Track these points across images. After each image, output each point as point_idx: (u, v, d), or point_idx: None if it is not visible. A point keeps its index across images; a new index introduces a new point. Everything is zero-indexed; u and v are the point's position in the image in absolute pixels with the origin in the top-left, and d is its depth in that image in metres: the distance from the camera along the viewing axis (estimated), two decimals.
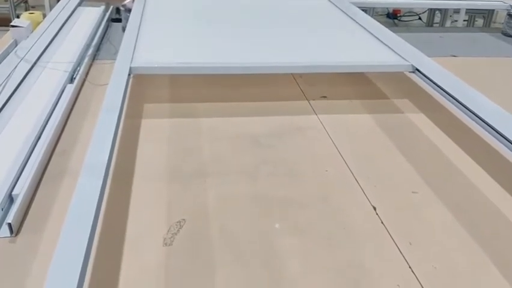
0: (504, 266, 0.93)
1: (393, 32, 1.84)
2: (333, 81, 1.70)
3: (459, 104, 1.26)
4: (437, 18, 4.69)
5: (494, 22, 4.72)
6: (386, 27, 1.88)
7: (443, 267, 0.93)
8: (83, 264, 0.72)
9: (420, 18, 5.03)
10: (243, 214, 1.04)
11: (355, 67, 1.55)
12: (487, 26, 4.32)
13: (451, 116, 1.45)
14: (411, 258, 0.94)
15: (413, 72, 1.49)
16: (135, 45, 1.50)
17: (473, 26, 4.90)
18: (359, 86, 1.70)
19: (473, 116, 1.21)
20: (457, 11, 3.63)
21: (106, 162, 0.93)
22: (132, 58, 1.41)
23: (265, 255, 0.93)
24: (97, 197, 0.85)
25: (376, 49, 1.67)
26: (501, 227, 1.05)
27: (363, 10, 2.35)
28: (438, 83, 1.36)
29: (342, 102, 1.57)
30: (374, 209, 1.08)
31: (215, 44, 1.62)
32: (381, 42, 1.71)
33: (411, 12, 5.01)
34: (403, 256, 0.95)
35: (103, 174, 0.90)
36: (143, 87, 1.57)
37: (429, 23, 4.95)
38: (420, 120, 1.47)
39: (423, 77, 1.43)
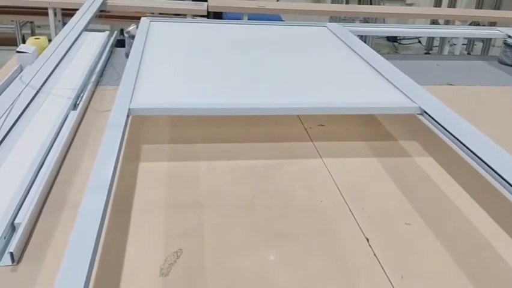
0: None
1: (391, 59, 1.86)
2: (339, 120, 1.68)
3: (466, 149, 1.25)
4: (437, 41, 4.78)
5: (493, 46, 4.80)
6: (386, 50, 1.87)
7: None
8: None
9: (420, 42, 5.11)
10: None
11: (361, 109, 1.52)
12: (485, 53, 4.38)
13: (456, 157, 1.40)
14: None
15: (421, 114, 1.46)
16: (134, 86, 1.47)
17: (472, 50, 4.98)
18: (365, 125, 1.68)
19: (479, 160, 1.19)
20: (455, 37, 3.68)
21: (104, 205, 0.95)
22: (131, 99, 1.38)
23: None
24: (97, 229, 0.88)
25: (382, 89, 1.62)
26: (493, 263, 1.06)
27: (362, 36, 2.40)
28: (446, 127, 1.33)
29: (347, 143, 1.55)
30: (367, 240, 1.11)
31: (216, 83, 1.58)
32: (388, 80, 1.67)
33: (411, 36, 5.09)
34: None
35: (101, 216, 0.92)
36: (142, 126, 1.55)
37: (429, 47, 5.04)
38: (425, 160, 1.47)
39: (432, 120, 1.40)
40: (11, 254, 0.96)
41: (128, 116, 1.31)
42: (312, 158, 1.44)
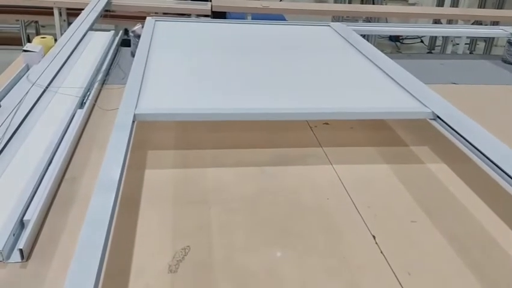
0: None
1: (394, 59, 1.86)
2: (348, 125, 1.65)
3: (482, 156, 1.20)
4: (439, 41, 4.77)
5: (496, 45, 4.80)
6: (388, 49, 1.82)
7: None
8: None
9: (422, 41, 5.10)
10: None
11: (372, 114, 1.45)
12: (488, 52, 4.38)
13: (471, 164, 1.34)
14: None
15: (434, 119, 1.41)
16: (140, 90, 1.43)
17: (474, 49, 4.98)
18: (374, 129, 1.63)
19: (496, 167, 1.15)
20: (458, 36, 3.69)
21: (110, 212, 0.94)
22: (136, 104, 1.34)
23: (267, 284, 0.96)
24: (106, 226, 0.89)
25: (393, 92, 1.57)
26: (499, 261, 1.07)
27: (364, 36, 2.41)
28: (461, 133, 1.29)
29: (356, 149, 1.51)
30: (374, 238, 1.11)
31: (221, 87, 1.55)
32: (397, 83, 1.62)
33: (413, 35, 5.08)
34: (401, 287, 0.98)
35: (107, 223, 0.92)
36: (148, 131, 1.51)
37: (431, 46, 5.03)
38: (437, 166, 1.42)
39: (445, 125, 1.35)
40: (21, 250, 0.97)
41: (133, 122, 1.27)
42: (322, 164, 1.40)
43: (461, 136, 1.29)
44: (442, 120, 1.37)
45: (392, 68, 1.75)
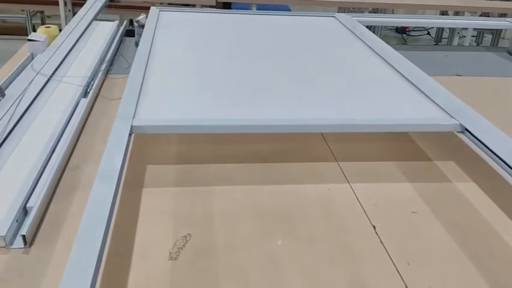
0: None
1: (399, 50, 1.84)
2: (365, 135, 1.50)
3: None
4: (446, 33, 4.74)
5: (503, 38, 4.76)
6: (394, 41, 1.72)
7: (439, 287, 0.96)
8: (94, 277, 0.77)
9: (429, 33, 5.07)
10: None
11: (393, 126, 1.31)
12: (495, 44, 4.34)
13: (502, 182, 1.28)
14: (408, 278, 0.97)
15: (462, 132, 1.27)
16: (138, 100, 1.29)
17: (481, 42, 4.94)
18: (394, 141, 1.50)
19: None
20: (465, 28, 3.66)
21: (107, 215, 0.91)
22: (134, 115, 1.21)
23: (268, 272, 0.97)
24: (107, 214, 0.90)
25: (413, 100, 1.42)
26: (499, 252, 1.07)
27: (370, 27, 2.39)
28: (493, 149, 1.15)
29: (374, 163, 1.38)
30: (374, 228, 1.12)
31: (227, 93, 1.42)
32: (418, 88, 1.48)
33: (420, 27, 5.05)
34: (400, 276, 0.98)
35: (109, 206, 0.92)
36: (147, 143, 1.40)
37: (438, 39, 5.00)
38: (465, 185, 1.30)
39: (475, 139, 1.21)
40: (23, 236, 0.98)
41: (130, 135, 1.16)
42: (338, 183, 1.28)
43: (493, 153, 1.15)
44: (471, 134, 1.23)
45: (406, 69, 1.60)
